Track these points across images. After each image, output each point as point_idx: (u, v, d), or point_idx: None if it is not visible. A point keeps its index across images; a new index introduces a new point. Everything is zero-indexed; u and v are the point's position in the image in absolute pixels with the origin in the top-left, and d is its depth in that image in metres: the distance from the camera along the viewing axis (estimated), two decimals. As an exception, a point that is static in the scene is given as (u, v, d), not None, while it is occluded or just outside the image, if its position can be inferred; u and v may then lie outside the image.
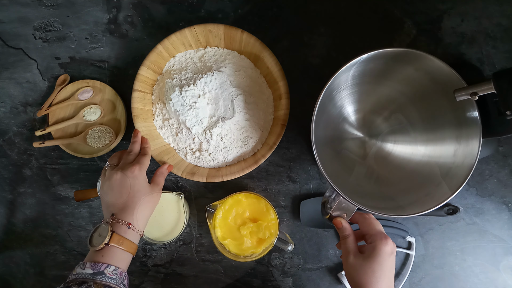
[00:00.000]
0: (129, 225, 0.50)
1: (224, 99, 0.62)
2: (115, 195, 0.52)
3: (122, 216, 0.51)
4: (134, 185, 0.53)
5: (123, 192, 0.52)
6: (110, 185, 0.53)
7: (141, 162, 0.55)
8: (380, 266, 0.45)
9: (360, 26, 0.67)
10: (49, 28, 0.68)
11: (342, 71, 0.50)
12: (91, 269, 0.46)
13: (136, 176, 0.53)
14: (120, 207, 0.52)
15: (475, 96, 0.46)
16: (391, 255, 0.46)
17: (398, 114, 0.62)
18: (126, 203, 0.52)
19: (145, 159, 0.57)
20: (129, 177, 0.53)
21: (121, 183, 0.52)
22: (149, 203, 0.54)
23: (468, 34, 0.66)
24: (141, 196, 0.53)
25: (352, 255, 0.48)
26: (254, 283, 0.67)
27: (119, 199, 0.52)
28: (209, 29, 0.61)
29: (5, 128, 0.69)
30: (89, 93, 0.67)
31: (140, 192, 0.53)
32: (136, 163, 0.55)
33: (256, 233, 0.60)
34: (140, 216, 0.52)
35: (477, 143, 0.49)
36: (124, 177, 0.53)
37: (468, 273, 0.67)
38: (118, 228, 0.50)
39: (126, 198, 0.52)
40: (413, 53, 0.50)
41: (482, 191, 0.66)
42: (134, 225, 0.51)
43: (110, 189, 0.53)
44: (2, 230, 0.69)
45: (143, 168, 0.55)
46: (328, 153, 0.61)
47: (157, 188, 0.57)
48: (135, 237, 0.51)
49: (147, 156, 0.58)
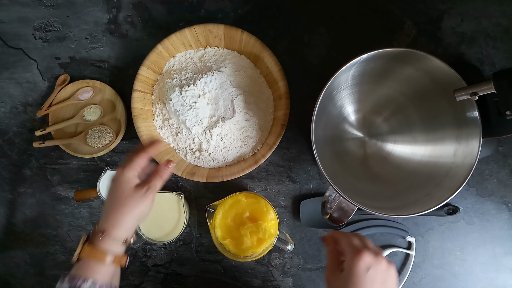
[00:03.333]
0: (103, 234, 0.44)
1: (224, 99, 0.62)
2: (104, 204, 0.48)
3: (102, 222, 0.46)
4: (116, 189, 0.46)
5: (108, 199, 0.47)
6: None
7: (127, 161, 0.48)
8: (355, 284, 0.40)
9: (360, 26, 0.67)
10: (49, 28, 0.68)
11: (342, 71, 0.50)
12: (67, 284, 0.42)
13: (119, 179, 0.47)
14: (104, 212, 0.47)
15: (475, 96, 0.46)
16: (367, 270, 0.41)
17: (398, 114, 0.62)
18: (106, 208, 0.47)
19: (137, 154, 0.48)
20: (113, 183, 0.47)
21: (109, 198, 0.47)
22: (128, 207, 0.46)
23: (468, 34, 0.66)
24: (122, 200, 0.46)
25: (330, 270, 0.45)
26: (254, 283, 0.67)
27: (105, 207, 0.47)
28: (209, 29, 0.61)
29: (5, 128, 0.69)
30: (89, 93, 0.67)
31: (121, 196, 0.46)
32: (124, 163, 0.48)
33: (256, 233, 0.60)
34: (120, 222, 0.45)
35: (477, 143, 0.49)
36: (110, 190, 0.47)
37: (468, 273, 0.67)
38: (94, 237, 0.45)
39: (108, 203, 0.47)
40: (413, 53, 0.50)
41: (482, 191, 0.66)
42: (112, 232, 0.45)
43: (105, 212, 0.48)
44: (2, 230, 0.69)
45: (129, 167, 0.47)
46: (328, 153, 0.61)
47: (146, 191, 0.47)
48: (116, 245, 0.45)
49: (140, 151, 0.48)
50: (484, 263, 0.66)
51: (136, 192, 0.46)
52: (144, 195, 0.46)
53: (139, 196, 0.46)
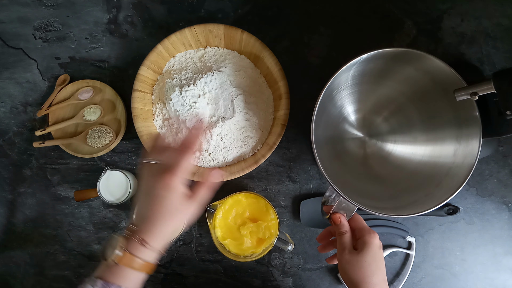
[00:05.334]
0: (144, 243, 0.41)
1: (224, 99, 0.62)
2: (140, 204, 0.44)
3: (142, 228, 0.42)
4: (163, 197, 0.42)
5: (150, 203, 0.42)
6: (138, 189, 0.45)
7: (178, 166, 0.42)
8: (374, 259, 0.47)
9: (360, 26, 0.67)
10: (49, 28, 0.68)
11: (342, 71, 0.50)
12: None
13: (168, 186, 0.42)
14: (143, 216, 0.43)
15: (475, 96, 0.46)
16: (380, 247, 0.49)
17: (398, 114, 0.62)
18: (149, 215, 0.42)
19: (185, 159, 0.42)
20: (158, 187, 0.42)
21: (148, 192, 0.43)
22: (174, 220, 0.43)
23: (468, 34, 0.66)
24: (170, 211, 0.42)
25: (347, 251, 0.48)
26: (254, 283, 0.67)
27: (143, 209, 0.43)
28: (209, 29, 0.61)
29: (5, 128, 0.69)
30: (89, 93, 0.67)
31: (168, 207, 0.42)
32: (172, 167, 0.42)
33: (256, 233, 0.60)
34: (161, 233, 0.42)
35: (477, 143, 0.49)
36: (152, 186, 0.42)
37: (468, 273, 0.67)
38: (132, 245, 0.41)
39: (151, 210, 0.42)
40: (413, 53, 0.50)
41: (482, 191, 0.66)
42: (151, 242, 0.42)
43: (138, 195, 0.45)
44: (2, 230, 0.69)
45: (179, 174, 0.42)
46: (328, 153, 0.61)
47: (194, 202, 0.43)
48: (152, 255, 0.42)
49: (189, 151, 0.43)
50: (484, 263, 0.66)
51: (184, 203, 0.43)
52: (192, 208, 0.43)
53: (187, 209, 0.43)
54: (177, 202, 0.42)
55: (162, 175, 0.42)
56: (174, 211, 0.42)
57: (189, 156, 0.43)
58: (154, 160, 0.45)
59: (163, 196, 0.42)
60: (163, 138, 0.48)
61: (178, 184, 0.42)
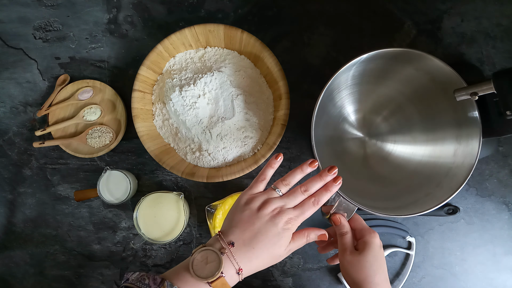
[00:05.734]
0: (240, 271, 0.40)
1: (224, 99, 0.62)
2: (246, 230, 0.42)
3: (242, 255, 0.40)
4: (279, 238, 0.41)
5: (260, 233, 0.41)
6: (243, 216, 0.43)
7: (303, 215, 0.43)
8: (375, 259, 0.47)
9: (360, 26, 0.67)
10: (49, 28, 0.68)
11: (342, 71, 0.50)
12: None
13: (289, 230, 0.42)
14: (245, 241, 0.41)
15: (475, 96, 0.46)
16: (381, 247, 0.49)
17: (398, 114, 0.62)
18: (252, 243, 0.41)
19: (311, 210, 0.44)
20: (279, 228, 0.41)
21: (265, 229, 0.41)
22: (270, 263, 0.43)
23: (468, 34, 0.66)
24: (274, 256, 0.42)
25: (349, 252, 0.48)
26: (254, 283, 0.67)
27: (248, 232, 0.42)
28: (209, 29, 0.61)
29: (5, 128, 0.69)
30: (89, 93, 0.67)
31: (275, 247, 0.41)
32: (299, 214, 0.43)
33: (256, 233, 0.60)
34: (254, 270, 0.42)
35: (477, 143, 0.49)
36: (272, 224, 0.41)
37: (468, 273, 0.67)
38: (227, 267, 0.39)
39: (258, 242, 0.41)
40: (413, 53, 0.50)
41: (482, 191, 0.66)
42: (247, 273, 0.41)
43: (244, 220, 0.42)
44: (2, 230, 0.69)
45: (300, 220, 0.43)
46: (328, 153, 0.61)
47: (290, 249, 0.43)
48: (235, 280, 0.41)
49: (317, 206, 0.44)
50: (484, 263, 0.66)
51: (286, 251, 0.43)
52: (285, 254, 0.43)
53: (283, 256, 0.43)
54: (284, 246, 0.42)
55: (289, 215, 0.42)
56: (277, 255, 0.42)
57: (315, 210, 0.44)
58: (280, 190, 0.45)
59: (279, 234, 0.41)
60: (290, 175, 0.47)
61: (295, 227, 0.43)
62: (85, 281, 0.68)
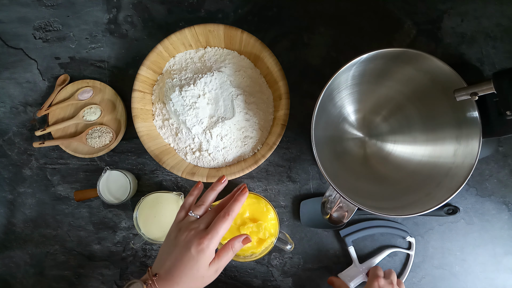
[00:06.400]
0: None
1: (224, 99, 0.62)
2: (166, 253, 0.44)
3: (163, 281, 0.42)
4: (194, 259, 0.42)
5: (178, 259, 0.43)
6: (168, 237, 0.45)
7: (215, 231, 0.43)
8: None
9: (360, 26, 0.67)
10: (49, 28, 0.68)
11: (342, 71, 0.50)
12: None
13: (203, 251, 0.42)
14: (167, 269, 0.43)
15: (475, 96, 0.46)
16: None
17: (398, 114, 0.62)
18: (174, 271, 0.42)
19: (223, 224, 0.43)
20: (192, 251, 0.42)
21: (178, 244, 0.43)
22: (196, 284, 0.44)
23: (468, 34, 0.66)
24: (195, 276, 0.42)
25: None
26: (254, 283, 0.67)
27: (168, 261, 0.43)
28: (209, 29, 0.61)
29: (5, 128, 0.69)
30: (89, 93, 0.67)
31: (193, 270, 0.42)
32: (209, 231, 0.43)
33: (256, 233, 0.60)
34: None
35: (477, 143, 0.49)
36: (186, 249, 0.42)
37: (468, 273, 0.67)
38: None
39: (177, 267, 0.43)
40: (413, 53, 0.50)
41: (482, 191, 0.66)
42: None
43: (166, 251, 0.44)
44: (2, 230, 0.69)
45: (216, 240, 0.43)
46: (328, 153, 0.61)
47: (217, 268, 0.44)
48: None
49: (228, 218, 0.44)
50: (484, 263, 0.66)
51: (209, 270, 0.43)
52: (213, 275, 0.44)
53: (209, 277, 0.44)
54: (204, 268, 0.43)
55: (199, 236, 0.42)
56: (199, 277, 0.43)
57: (229, 223, 0.44)
58: (194, 214, 0.46)
59: (193, 258, 0.42)
60: (204, 195, 0.49)
61: (211, 250, 0.43)
62: (85, 281, 0.68)
